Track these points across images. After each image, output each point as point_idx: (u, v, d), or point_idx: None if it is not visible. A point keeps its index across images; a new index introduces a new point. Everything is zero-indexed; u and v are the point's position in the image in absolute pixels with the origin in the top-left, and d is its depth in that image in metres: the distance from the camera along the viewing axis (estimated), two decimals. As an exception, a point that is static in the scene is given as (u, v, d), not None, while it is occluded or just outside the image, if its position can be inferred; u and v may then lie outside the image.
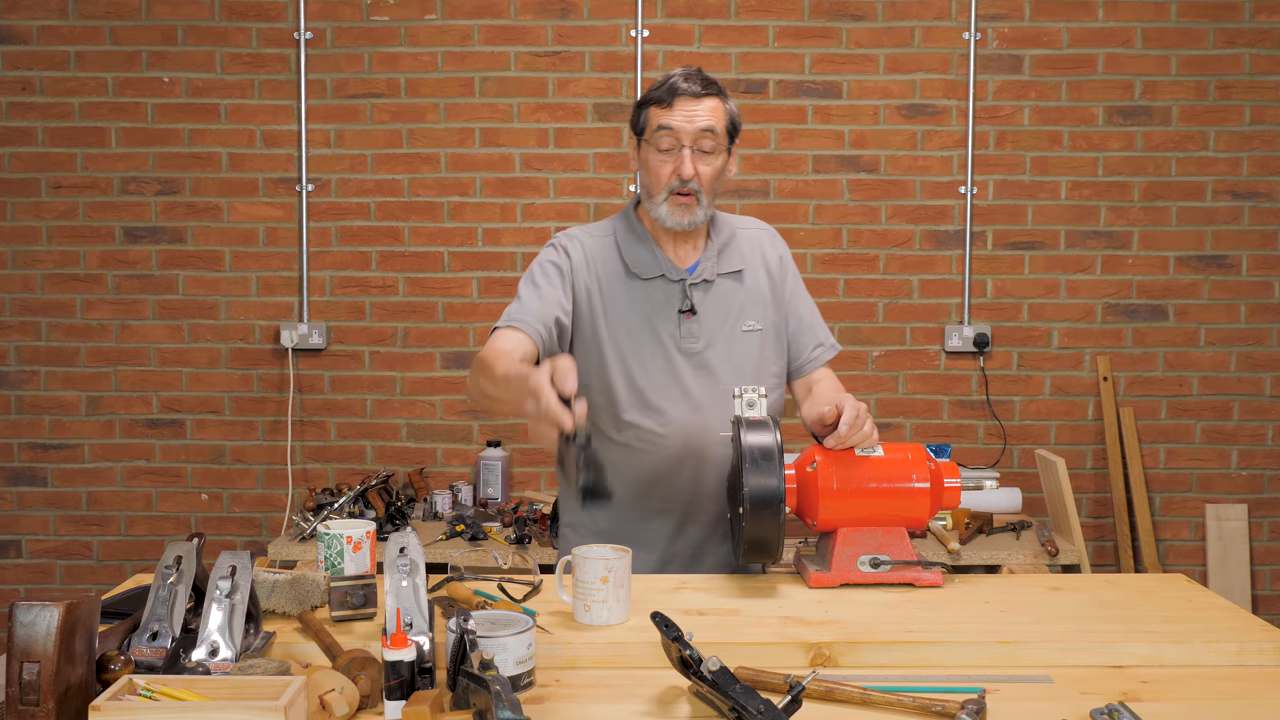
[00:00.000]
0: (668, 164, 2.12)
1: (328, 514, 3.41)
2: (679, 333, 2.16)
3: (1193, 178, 3.95)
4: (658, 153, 2.13)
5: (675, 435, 2.14)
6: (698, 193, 2.12)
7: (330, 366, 4.00)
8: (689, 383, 2.15)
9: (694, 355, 2.16)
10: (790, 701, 1.35)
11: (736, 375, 2.17)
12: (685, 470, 2.16)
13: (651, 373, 2.15)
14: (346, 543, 1.87)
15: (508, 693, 1.28)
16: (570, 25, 3.94)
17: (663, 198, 2.13)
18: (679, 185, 2.11)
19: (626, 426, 2.15)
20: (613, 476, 2.12)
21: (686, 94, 2.10)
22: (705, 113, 2.11)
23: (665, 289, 2.18)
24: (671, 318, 2.17)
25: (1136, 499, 3.93)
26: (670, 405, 2.14)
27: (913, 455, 1.97)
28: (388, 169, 3.97)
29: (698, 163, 2.11)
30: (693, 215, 2.13)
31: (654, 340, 2.15)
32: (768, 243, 2.29)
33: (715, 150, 2.12)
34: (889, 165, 3.96)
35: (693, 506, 2.18)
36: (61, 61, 3.95)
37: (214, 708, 1.25)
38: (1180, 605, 1.85)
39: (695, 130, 2.10)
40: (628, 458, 2.15)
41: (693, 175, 2.10)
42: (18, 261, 3.98)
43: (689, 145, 2.10)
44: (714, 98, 2.13)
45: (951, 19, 3.93)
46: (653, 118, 2.13)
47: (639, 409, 2.15)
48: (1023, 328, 3.99)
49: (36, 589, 4.02)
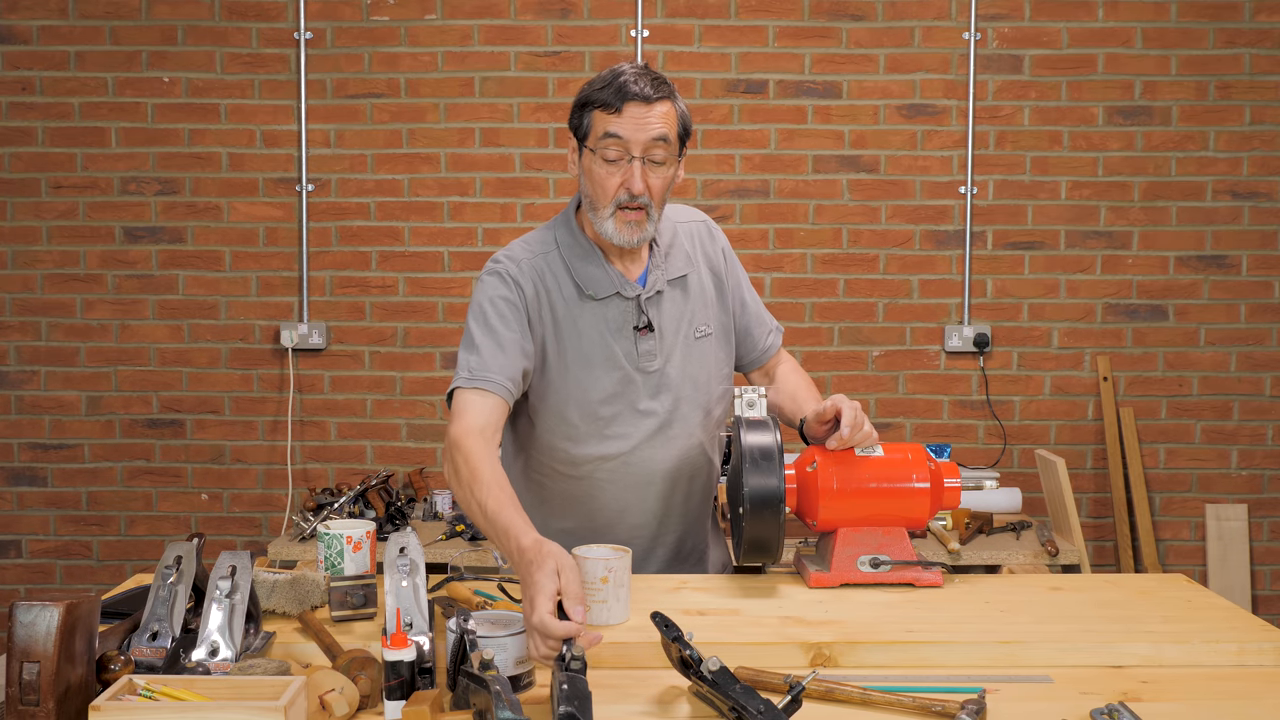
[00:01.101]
0: (614, 176, 1.91)
1: (328, 514, 3.41)
2: (636, 351, 2.00)
3: (1193, 178, 3.95)
4: (604, 163, 1.91)
5: (638, 462, 2.02)
6: (648, 206, 1.93)
7: (330, 366, 4.00)
8: (649, 405, 2.01)
9: (652, 374, 2.01)
10: (790, 701, 1.35)
11: (693, 387, 2.05)
12: (651, 494, 2.05)
13: (611, 400, 2.00)
14: (346, 543, 1.87)
15: (508, 693, 1.28)
16: (570, 25, 3.94)
17: (609, 212, 1.93)
18: (628, 199, 1.91)
19: (585, 461, 2.02)
20: (573, 514, 2.03)
21: (637, 98, 1.89)
22: (658, 119, 1.90)
23: (620, 306, 2.00)
24: (628, 336, 2.00)
25: (1136, 499, 3.93)
26: (632, 430, 2.01)
27: (913, 455, 1.97)
28: (388, 169, 3.97)
29: (648, 175, 1.91)
30: (642, 232, 1.94)
31: (611, 363, 1.99)
32: (707, 237, 2.13)
33: (667, 160, 1.93)
34: (889, 165, 3.96)
35: (662, 529, 2.09)
36: (61, 61, 3.95)
37: (214, 708, 1.25)
38: (1180, 605, 1.85)
39: (646, 140, 1.90)
40: (591, 490, 2.04)
41: (643, 190, 1.91)
42: (18, 261, 3.98)
43: (639, 156, 1.90)
44: (665, 101, 1.92)
45: (951, 19, 3.93)
46: (598, 123, 1.92)
47: (598, 439, 2.00)
48: (1023, 328, 3.99)
49: (36, 589, 4.02)
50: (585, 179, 1.97)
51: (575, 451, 2.01)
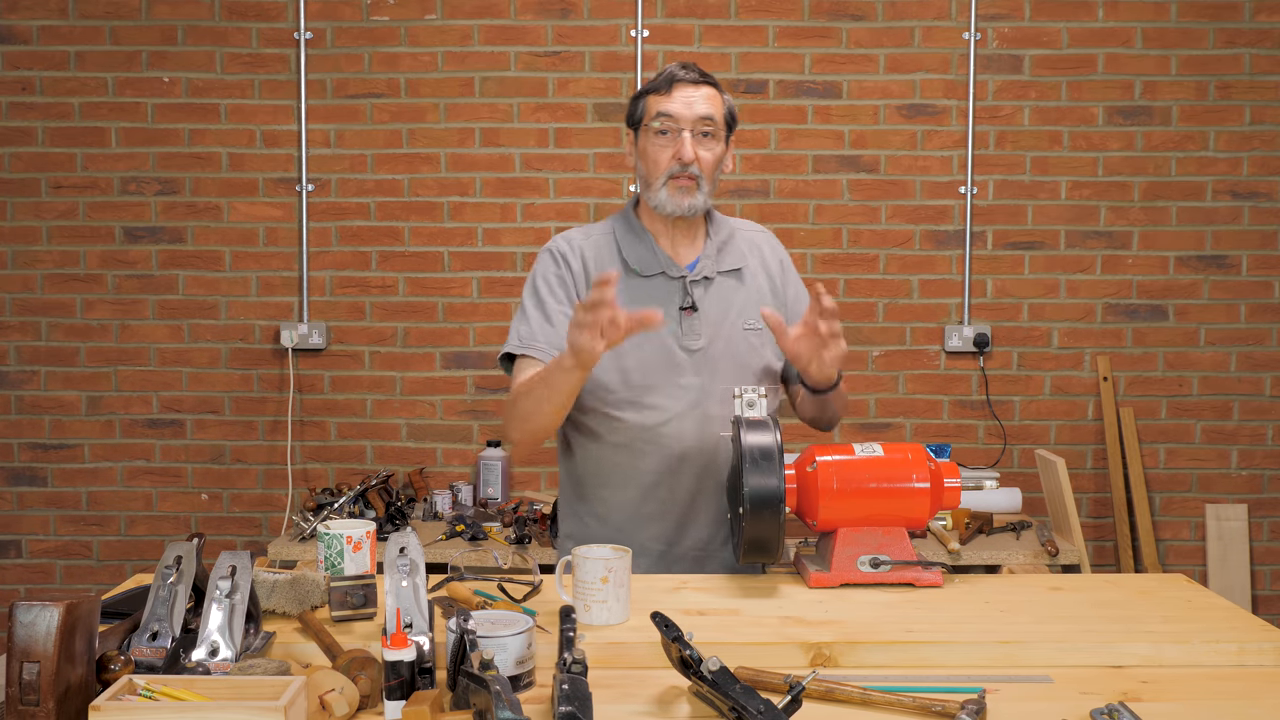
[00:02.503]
0: (666, 149, 2.09)
1: (328, 514, 3.41)
2: (680, 329, 2.12)
3: (1193, 178, 3.95)
4: (656, 138, 2.10)
5: (673, 434, 2.10)
6: (698, 177, 2.09)
7: (330, 366, 4.00)
8: (689, 380, 2.11)
9: (696, 352, 2.12)
10: (790, 701, 1.35)
11: (738, 372, 2.13)
12: (686, 470, 2.12)
13: (650, 370, 2.10)
14: (346, 543, 1.87)
15: (508, 693, 1.27)
16: (570, 25, 3.94)
17: (661, 182, 2.10)
18: (679, 170, 2.08)
19: (622, 428, 2.11)
20: (611, 482, 2.14)
21: (685, 81, 2.09)
22: (704, 99, 2.09)
23: (666, 286, 2.14)
24: (673, 315, 2.12)
25: (1136, 499, 3.93)
26: (669, 402, 2.10)
27: (913, 455, 1.97)
28: (388, 169, 3.97)
29: (698, 147, 2.08)
30: (693, 199, 2.10)
31: (654, 337, 2.09)
32: (767, 246, 2.26)
33: (714, 136, 2.10)
34: (889, 165, 3.96)
35: (694, 508, 2.14)
36: (61, 61, 3.95)
37: (214, 708, 1.25)
38: (1180, 605, 1.85)
39: (694, 116, 2.08)
40: (629, 459, 2.12)
41: (693, 159, 2.08)
42: (18, 261, 3.98)
43: (688, 129, 2.08)
44: (711, 87, 2.12)
45: (951, 19, 3.93)
46: (651, 105, 2.11)
47: (635, 407, 2.10)
48: (1023, 328, 3.99)
49: (36, 589, 4.02)
50: (640, 160, 2.14)
51: (613, 417, 2.11)
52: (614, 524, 2.15)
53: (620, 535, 2.12)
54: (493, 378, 3.99)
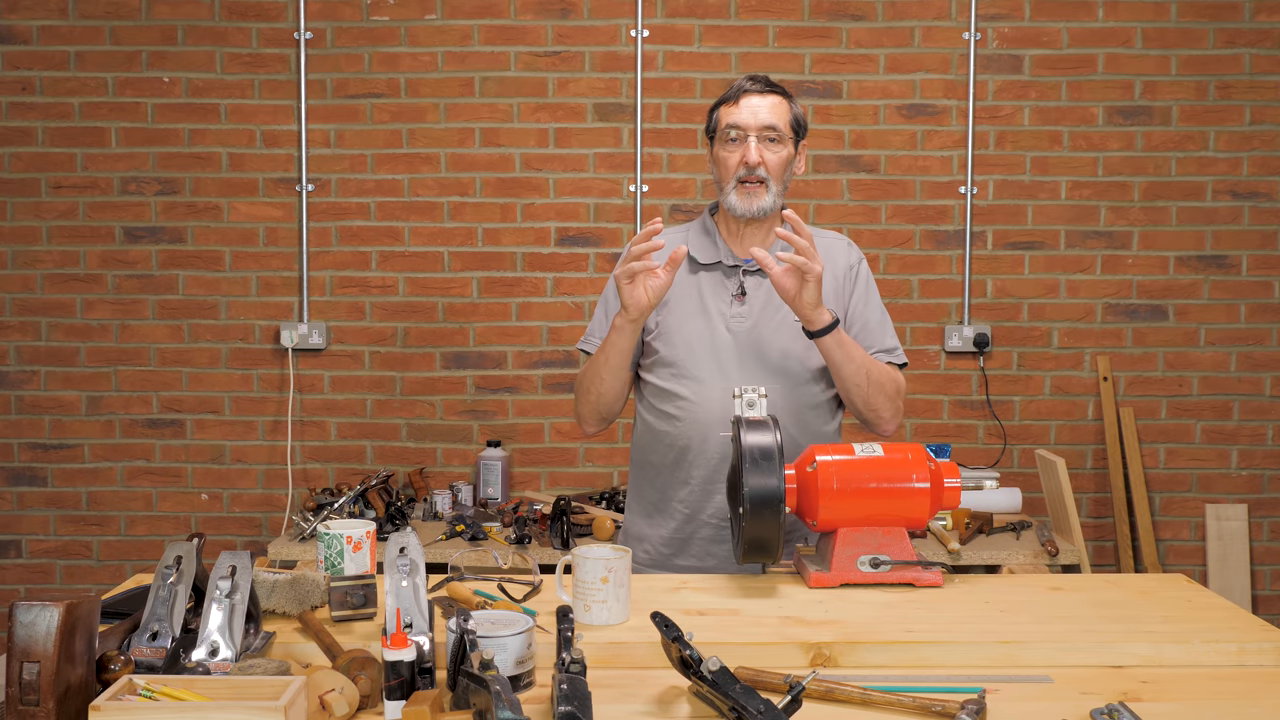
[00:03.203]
0: (734, 155, 2.23)
1: (328, 514, 3.41)
2: (729, 312, 2.25)
3: (1193, 178, 3.95)
4: (726, 145, 2.24)
5: (710, 404, 2.20)
6: (766, 180, 2.22)
7: (330, 366, 4.00)
8: (731, 356, 2.22)
9: (742, 334, 2.23)
10: (790, 701, 1.35)
11: (784, 356, 2.23)
12: (713, 439, 2.21)
13: (694, 346, 2.23)
14: (346, 543, 1.87)
15: (508, 693, 1.27)
16: (570, 25, 3.94)
17: (731, 186, 2.23)
18: (746, 173, 2.21)
19: (669, 396, 2.25)
20: (658, 449, 2.28)
21: (751, 91, 2.24)
22: (767, 108, 2.23)
23: (722, 274, 2.28)
24: (725, 300, 2.26)
25: (1136, 499, 3.93)
26: (710, 376, 2.22)
27: (913, 455, 1.97)
28: (388, 169, 3.97)
29: (764, 151, 2.21)
30: (760, 201, 2.22)
31: (703, 316, 2.25)
32: (840, 251, 2.34)
33: (780, 140, 2.23)
34: (889, 165, 3.96)
35: (717, 475, 2.22)
36: (61, 61, 3.95)
37: (214, 708, 1.25)
38: (1180, 605, 1.85)
39: (759, 124, 2.21)
40: (675, 428, 2.24)
41: (759, 162, 2.20)
42: (18, 261, 3.98)
43: (754, 135, 2.21)
44: (777, 95, 2.25)
45: (951, 19, 3.93)
46: (721, 117, 2.26)
47: (681, 379, 2.24)
48: (1023, 328, 3.99)
49: (36, 589, 4.02)
50: (715, 167, 2.30)
51: (662, 386, 2.27)
52: (656, 485, 2.29)
53: (660, 496, 2.29)
54: (493, 378, 3.99)
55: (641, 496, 2.35)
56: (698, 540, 2.25)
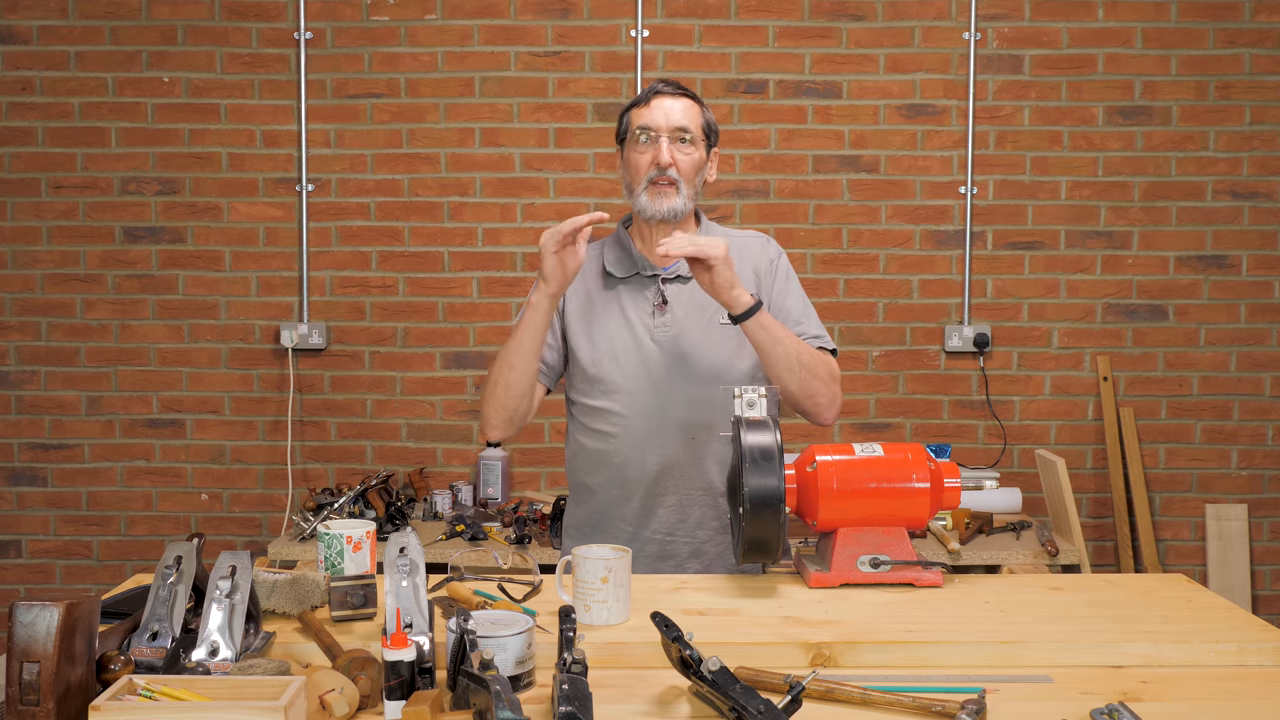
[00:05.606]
0: (645, 155, 2.19)
1: (328, 514, 3.41)
2: (652, 323, 2.22)
3: (1193, 178, 3.95)
4: (636, 147, 2.20)
5: (643, 417, 2.19)
6: (677, 181, 2.18)
7: (330, 366, 4.00)
8: (659, 366, 2.19)
9: (666, 344, 2.20)
10: (790, 701, 1.35)
11: (710, 364, 2.19)
12: (650, 452, 2.19)
13: (621, 360, 2.20)
14: (346, 543, 1.87)
15: (508, 693, 1.27)
16: (570, 25, 3.94)
17: (642, 188, 2.19)
18: (657, 174, 2.17)
19: (598, 413, 2.22)
20: (599, 470, 2.24)
21: (664, 94, 2.21)
22: (680, 110, 2.20)
23: (640, 284, 2.25)
24: (646, 311, 2.23)
25: (1136, 499, 3.93)
26: (638, 389, 2.19)
27: (913, 455, 1.97)
28: (388, 169, 3.97)
29: (675, 152, 2.18)
30: (671, 202, 2.18)
31: (626, 329, 2.22)
32: (758, 249, 2.30)
33: (693, 143, 2.20)
34: (889, 165, 3.96)
35: (657, 488, 2.20)
36: (61, 61, 3.95)
37: (214, 708, 1.25)
38: (1180, 605, 1.85)
39: (671, 125, 2.18)
40: (610, 446, 2.21)
41: (670, 163, 2.17)
42: (18, 261, 3.98)
43: (666, 136, 2.18)
44: (688, 99, 2.22)
45: (951, 19, 3.93)
46: (633, 119, 2.23)
47: (607, 394, 2.21)
48: (1023, 328, 3.99)
49: (36, 589, 4.02)
50: (625, 170, 2.25)
51: (594, 405, 2.24)
52: (595, 506, 2.26)
53: (600, 516, 2.24)
54: (493, 378, 3.98)
55: (580, 518, 2.30)
56: (641, 559, 2.19)
